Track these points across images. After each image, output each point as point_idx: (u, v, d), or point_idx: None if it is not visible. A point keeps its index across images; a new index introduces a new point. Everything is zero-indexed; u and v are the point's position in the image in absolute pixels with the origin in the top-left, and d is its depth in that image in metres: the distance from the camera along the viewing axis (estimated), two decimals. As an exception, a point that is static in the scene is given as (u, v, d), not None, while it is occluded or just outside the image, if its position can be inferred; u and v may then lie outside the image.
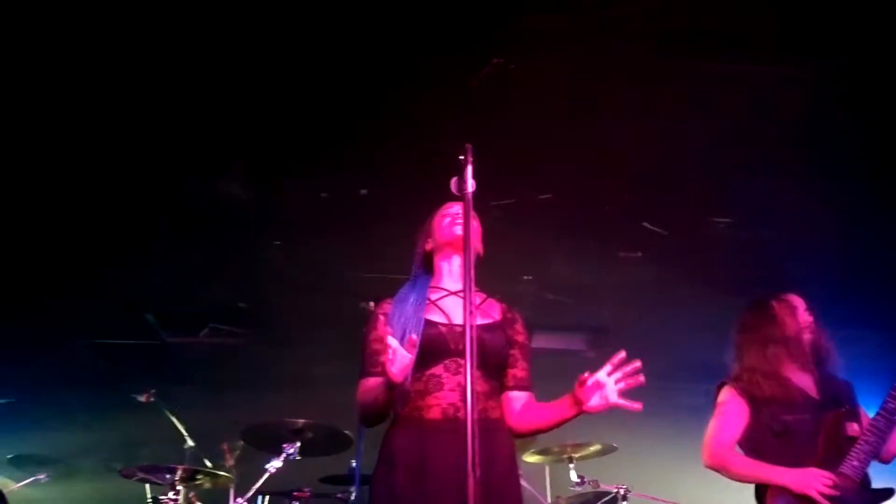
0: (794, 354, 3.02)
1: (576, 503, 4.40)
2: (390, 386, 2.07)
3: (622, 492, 4.22)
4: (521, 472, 2.37)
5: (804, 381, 3.01)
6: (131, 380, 6.09)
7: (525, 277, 5.39)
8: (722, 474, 2.98)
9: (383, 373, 2.05)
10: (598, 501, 4.30)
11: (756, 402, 2.96)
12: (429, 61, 3.63)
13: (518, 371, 2.34)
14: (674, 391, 7.06)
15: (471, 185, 2.02)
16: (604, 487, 4.28)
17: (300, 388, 6.76)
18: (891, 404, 2.82)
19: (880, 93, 3.75)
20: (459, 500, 1.87)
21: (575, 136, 4.12)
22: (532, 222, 4.84)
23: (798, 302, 3.17)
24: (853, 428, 2.87)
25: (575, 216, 4.83)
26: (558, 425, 2.27)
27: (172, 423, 4.83)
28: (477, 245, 2.42)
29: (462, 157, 2.05)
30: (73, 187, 4.51)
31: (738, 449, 3.02)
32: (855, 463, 2.78)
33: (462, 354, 2.03)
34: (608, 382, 2.21)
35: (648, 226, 4.89)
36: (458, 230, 2.30)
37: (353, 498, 3.85)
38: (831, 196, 4.55)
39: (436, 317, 2.26)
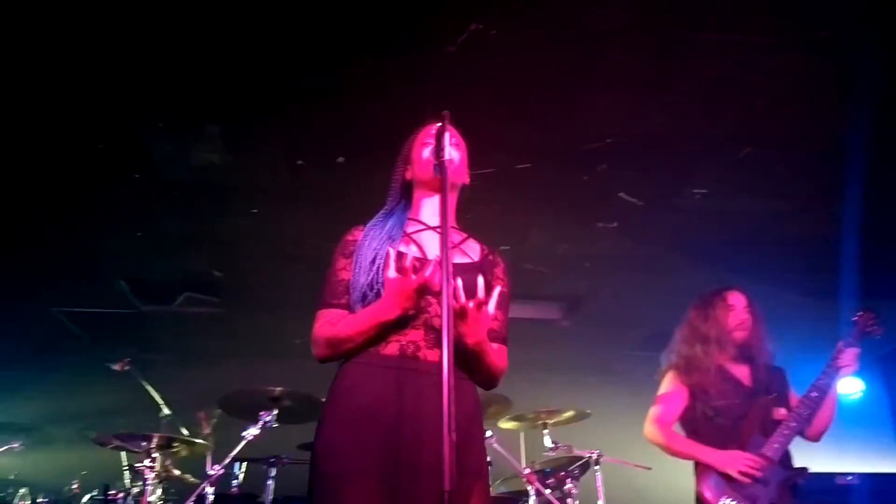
0: (726, 351, 3.39)
1: (550, 468, 4.48)
2: (382, 323, 1.95)
3: (595, 456, 4.32)
4: (488, 432, 2.35)
5: (739, 370, 3.39)
6: (106, 348, 6.05)
7: (502, 248, 5.41)
8: (660, 449, 3.37)
9: (376, 311, 1.92)
10: (571, 466, 4.39)
11: (692, 390, 3.37)
12: (406, 27, 3.59)
13: (491, 321, 2.11)
14: (647, 359, 7.15)
15: (448, 152, 2.01)
16: (577, 452, 4.37)
17: (277, 356, 6.77)
18: (813, 393, 3.24)
19: (862, 63, 3.76)
20: (398, 446, 1.89)
21: (553, 105, 4.11)
22: (510, 192, 4.84)
23: (737, 300, 3.51)
24: (780, 412, 3.25)
25: (552, 186, 4.84)
26: (482, 365, 2.07)
27: (148, 391, 4.82)
28: (463, 175, 2.32)
29: (440, 125, 2.03)
30: (44, 154, 4.43)
31: (677, 428, 3.43)
32: (776, 445, 3.15)
33: (433, 293, 2.00)
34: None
35: (625, 196, 4.92)
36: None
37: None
38: (811, 167, 4.59)
39: (409, 249, 2.11)
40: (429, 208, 2.27)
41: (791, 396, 3.38)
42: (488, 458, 4.33)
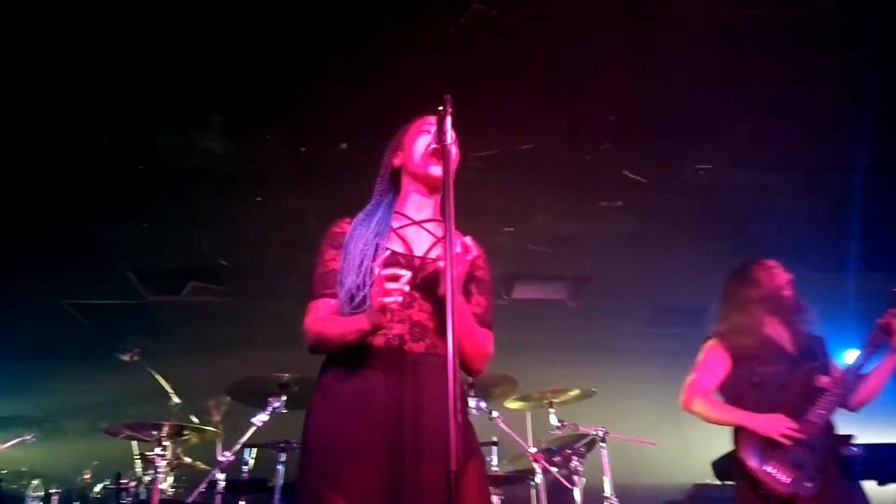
0: (774, 310, 3.31)
1: (556, 446, 4.50)
2: (368, 333, 1.96)
3: (601, 433, 4.34)
4: (494, 412, 2.32)
5: (782, 336, 3.30)
6: (115, 339, 6.10)
7: (506, 229, 5.41)
8: (698, 417, 3.28)
9: (373, 319, 1.92)
10: (577, 443, 4.42)
11: (736, 357, 3.27)
12: (407, 9, 3.56)
13: (474, 307, 2.16)
14: (653, 337, 7.19)
15: (450, 136, 2.00)
16: (583, 430, 4.39)
17: (285, 342, 6.78)
18: (857, 363, 3.18)
19: (860, 36, 3.74)
20: (391, 431, 1.91)
21: (556, 84, 4.09)
22: (513, 173, 4.83)
23: (774, 264, 3.44)
24: (823, 380, 3.16)
25: (556, 166, 4.83)
26: (469, 341, 2.07)
27: (158, 381, 4.84)
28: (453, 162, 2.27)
29: (441, 109, 2.02)
30: (49, 148, 4.44)
31: (718, 396, 3.31)
32: (821, 411, 3.08)
33: (418, 288, 2.04)
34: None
35: (629, 174, 4.90)
36: (437, 171, 2.12)
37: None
38: (815, 140, 4.57)
39: (395, 246, 2.12)
40: (415, 202, 2.24)
41: (833, 365, 3.28)
42: (494, 438, 4.42)
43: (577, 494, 4.23)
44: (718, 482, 5.38)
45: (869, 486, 3.62)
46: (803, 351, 3.25)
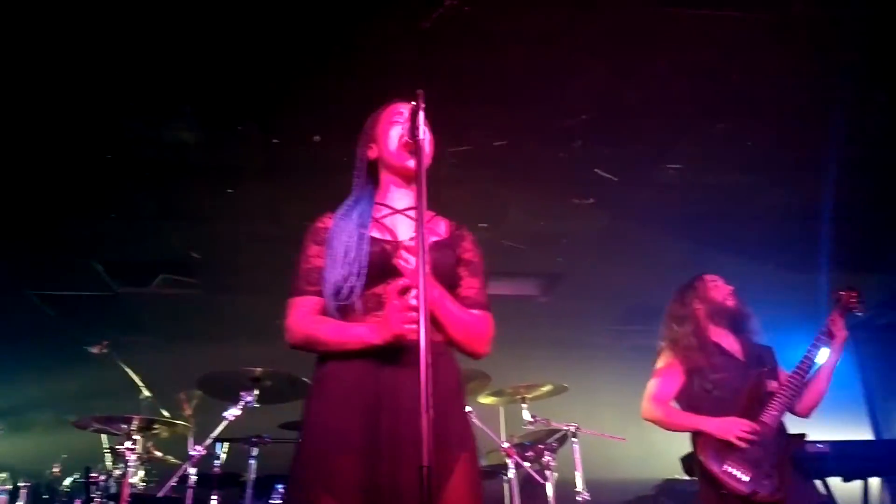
0: (720, 321, 3.51)
1: (529, 441, 4.54)
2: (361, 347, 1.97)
3: (573, 429, 4.40)
4: (468, 406, 2.35)
5: (732, 345, 3.48)
6: (83, 332, 6.01)
7: (480, 225, 5.42)
8: (657, 424, 3.48)
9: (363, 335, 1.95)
10: (549, 438, 4.46)
11: (689, 368, 3.45)
12: (380, 4, 3.56)
13: (465, 290, 2.17)
14: (623, 334, 7.26)
15: (423, 131, 2.00)
16: (555, 425, 4.44)
17: (257, 336, 6.75)
18: (805, 364, 3.33)
19: (838, 35, 3.79)
20: (380, 423, 1.91)
21: (529, 82, 4.10)
22: (486, 169, 4.85)
23: (715, 278, 3.64)
24: (773, 385, 3.35)
25: (529, 163, 4.85)
26: (459, 328, 2.09)
27: (127, 374, 4.79)
28: (427, 159, 2.24)
29: (414, 104, 2.02)
30: (17, 135, 4.36)
31: (674, 404, 3.50)
32: (773, 413, 3.25)
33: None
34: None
35: (601, 172, 4.94)
36: (413, 163, 2.12)
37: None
38: (786, 140, 4.63)
39: (379, 234, 2.13)
40: (395, 192, 2.24)
41: (781, 373, 3.45)
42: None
43: (549, 489, 4.27)
44: (687, 477, 5.49)
45: (834, 482, 3.73)
46: (752, 358, 3.43)
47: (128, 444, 3.92)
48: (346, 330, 2.03)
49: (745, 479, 3.12)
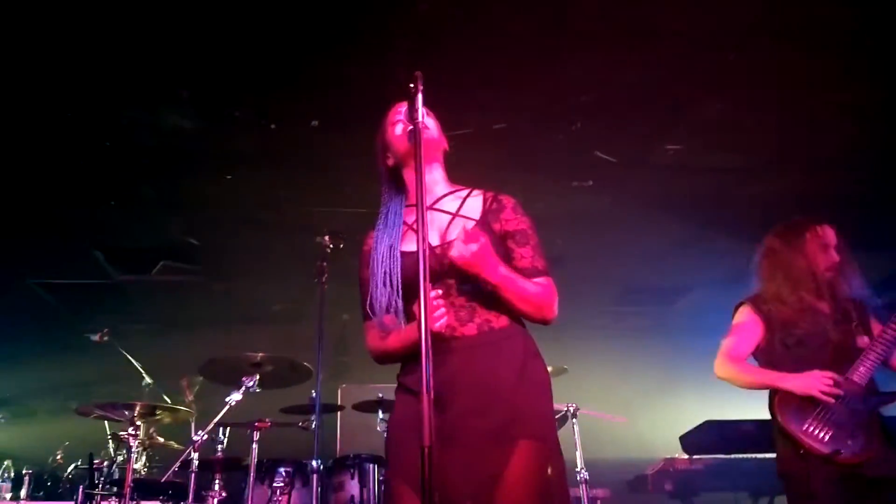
0: (814, 288, 3.18)
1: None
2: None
3: (572, 409, 4.42)
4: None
5: (821, 300, 3.18)
6: (85, 319, 6.04)
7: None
8: (732, 383, 3.20)
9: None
10: (550, 419, 4.48)
11: (772, 321, 3.18)
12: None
13: (519, 261, 2.20)
14: (623, 315, 7.29)
15: (421, 114, 2.00)
16: (555, 406, 4.45)
17: (257, 321, 6.78)
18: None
19: (834, 15, 3.77)
20: (438, 416, 1.95)
21: (527, 63, 4.09)
22: (485, 152, 4.84)
23: (831, 239, 3.29)
24: (863, 340, 3.08)
25: (528, 145, 4.84)
26: (523, 302, 2.18)
27: (129, 361, 4.81)
28: (441, 141, 2.37)
29: (412, 86, 2.02)
30: (16, 123, 4.35)
31: (752, 361, 3.23)
32: (862, 369, 2.98)
33: (448, 276, 2.12)
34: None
35: (600, 154, 4.94)
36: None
37: (313, 426, 3.94)
38: (784, 123, 4.62)
39: (412, 244, 2.15)
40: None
41: (873, 325, 3.17)
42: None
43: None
44: (686, 456, 5.53)
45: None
46: (841, 311, 3.15)
47: (130, 430, 3.94)
48: (399, 336, 2.16)
49: (826, 438, 2.88)
